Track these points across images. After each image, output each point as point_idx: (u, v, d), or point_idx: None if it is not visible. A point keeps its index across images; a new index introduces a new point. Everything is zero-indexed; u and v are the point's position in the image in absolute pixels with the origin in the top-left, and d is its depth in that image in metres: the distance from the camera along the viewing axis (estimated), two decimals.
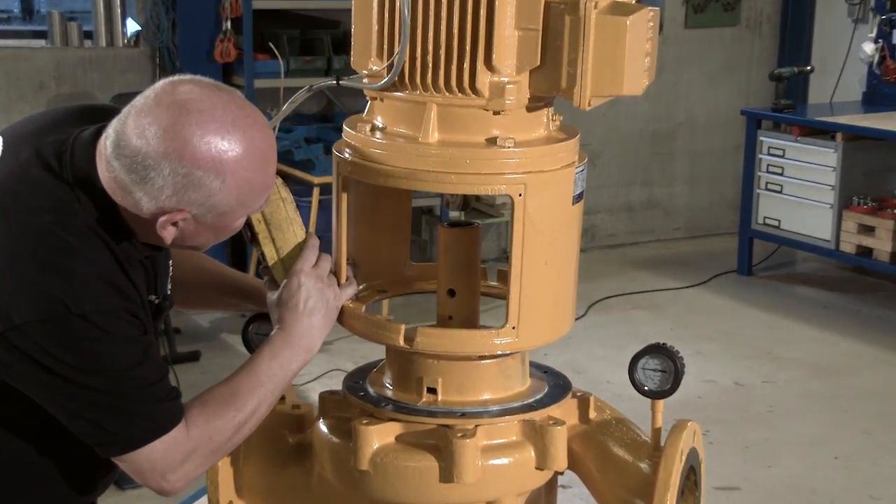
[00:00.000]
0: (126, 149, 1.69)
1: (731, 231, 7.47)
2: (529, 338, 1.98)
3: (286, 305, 1.91)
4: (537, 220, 1.91)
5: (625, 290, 6.51)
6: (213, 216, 1.74)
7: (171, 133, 1.67)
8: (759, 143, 6.60)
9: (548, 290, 1.97)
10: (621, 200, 7.52)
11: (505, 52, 1.88)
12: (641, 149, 7.52)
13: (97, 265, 1.72)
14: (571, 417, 2.10)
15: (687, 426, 2.00)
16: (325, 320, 1.94)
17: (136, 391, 1.73)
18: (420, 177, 1.90)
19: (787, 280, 6.85)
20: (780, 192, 6.53)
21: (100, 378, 1.71)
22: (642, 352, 2.01)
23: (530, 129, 1.96)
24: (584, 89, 1.85)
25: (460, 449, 1.93)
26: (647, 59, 1.91)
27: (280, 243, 1.96)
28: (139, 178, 1.68)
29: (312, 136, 5.75)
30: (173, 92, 1.70)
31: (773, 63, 7.62)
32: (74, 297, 1.67)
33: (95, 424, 1.74)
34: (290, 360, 1.90)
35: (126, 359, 1.72)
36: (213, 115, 1.69)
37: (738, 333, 5.89)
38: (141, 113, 1.69)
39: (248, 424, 1.86)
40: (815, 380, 5.31)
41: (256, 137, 1.73)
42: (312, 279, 1.93)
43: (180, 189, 1.69)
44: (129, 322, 1.73)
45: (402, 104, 1.95)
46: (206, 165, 1.68)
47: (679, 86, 7.50)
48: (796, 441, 4.67)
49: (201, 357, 5.33)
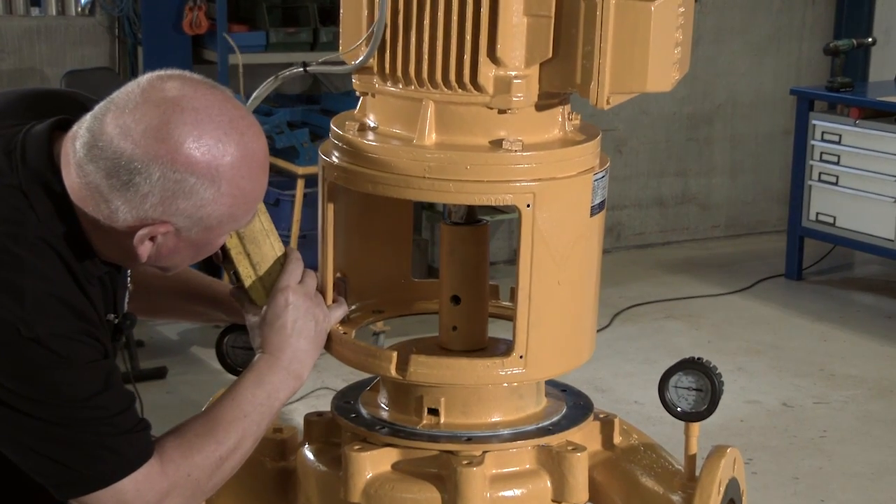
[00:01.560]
0: (106, 150, 1.68)
1: (778, 229, 7.47)
2: (540, 368, 1.99)
3: (272, 326, 1.92)
4: (548, 234, 1.92)
5: (656, 296, 6.52)
6: (198, 230, 1.75)
7: (164, 132, 1.66)
8: (811, 127, 6.61)
9: (561, 315, 1.98)
10: (651, 194, 7.53)
11: (511, 42, 1.87)
12: (675, 134, 7.53)
13: (51, 282, 1.72)
14: (593, 443, 2.11)
15: (726, 453, 2.02)
16: (315, 343, 1.96)
17: (99, 422, 1.74)
18: (413, 184, 1.90)
19: (844, 285, 6.86)
20: (835, 184, 6.53)
21: (57, 409, 1.71)
22: (674, 367, 2.03)
23: (542, 130, 1.97)
24: (601, 86, 1.86)
25: (466, 478, 1.95)
26: (678, 50, 1.91)
27: (256, 258, 1.96)
28: (121, 184, 1.68)
29: (296, 120, 5.75)
30: (162, 87, 1.70)
31: (828, 34, 7.62)
32: (26, 319, 1.67)
33: (53, 461, 1.74)
34: (277, 387, 1.91)
35: (86, 387, 1.72)
36: (209, 115, 1.69)
37: (786, 347, 5.90)
38: (124, 110, 1.69)
39: (230, 460, 1.86)
40: (876, 400, 5.32)
41: (253, 142, 1.74)
42: (301, 296, 1.94)
43: (169, 197, 1.69)
44: (88, 345, 1.73)
45: (395, 101, 1.96)
46: (202, 171, 1.68)
47: (718, 61, 7.50)
48: (853, 471, 4.67)
49: (168, 374, 5.35)
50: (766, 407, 5.21)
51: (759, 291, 6.69)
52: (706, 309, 6.41)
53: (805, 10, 7.72)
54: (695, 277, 6.89)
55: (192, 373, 5.37)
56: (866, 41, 6.79)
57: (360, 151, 1.95)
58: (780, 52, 7.70)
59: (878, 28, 7.52)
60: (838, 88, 6.50)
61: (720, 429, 4.72)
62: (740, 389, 5.29)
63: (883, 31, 7.39)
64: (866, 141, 6.39)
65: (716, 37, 7.42)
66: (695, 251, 7.49)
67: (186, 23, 5.94)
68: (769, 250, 7.28)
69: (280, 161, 5.54)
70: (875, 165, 6.34)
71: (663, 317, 6.28)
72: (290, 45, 5.94)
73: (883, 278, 6.97)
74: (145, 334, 5.70)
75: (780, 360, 5.71)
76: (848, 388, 5.44)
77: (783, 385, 5.44)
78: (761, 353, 5.80)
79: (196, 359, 5.57)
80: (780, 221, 7.38)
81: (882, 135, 6.31)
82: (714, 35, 7.40)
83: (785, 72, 7.67)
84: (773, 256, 7.08)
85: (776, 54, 7.69)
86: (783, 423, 5.08)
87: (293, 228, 5.42)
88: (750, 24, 7.58)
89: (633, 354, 5.67)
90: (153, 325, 5.83)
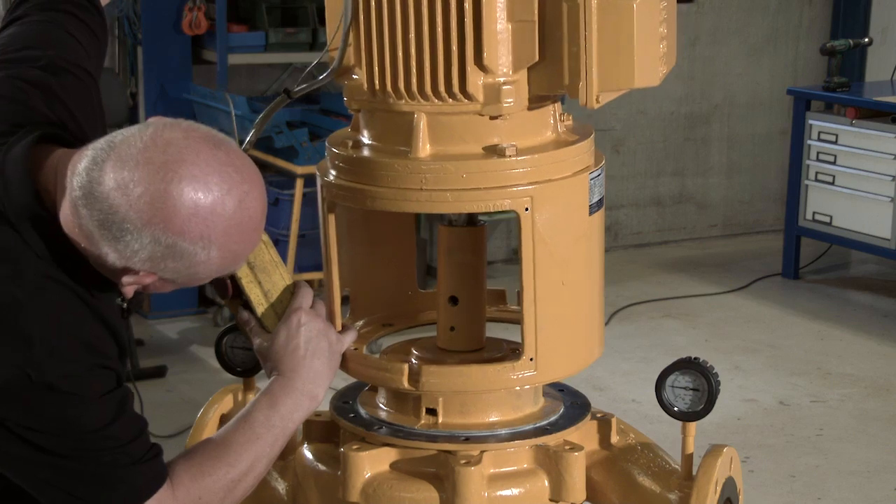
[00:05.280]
0: (102, 202, 1.65)
1: (775, 228, 7.48)
2: (551, 370, 1.99)
3: (285, 348, 1.91)
4: (548, 235, 1.92)
5: (653, 295, 6.52)
6: (184, 279, 1.74)
7: (160, 201, 1.64)
8: (808, 127, 6.61)
9: (569, 314, 1.98)
10: (649, 193, 7.53)
11: (497, 49, 1.88)
12: (672, 134, 7.53)
13: (59, 323, 1.70)
14: (591, 442, 2.11)
15: (723, 452, 2.02)
16: (329, 364, 1.95)
17: (112, 452, 1.73)
18: (411, 197, 1.90)
19: (840, 284, 6.86)
20: (832, 183, 6.53)
21: (70, 441, 1.70)
22: (671, 367, 2.03)
23: (535, 133, 1.97)
24: (590, 85, 1.86)
25: (464, 478, 1.95)
26: (663, 45, 1.92)
27: (267, 286, 1.96)
28: (112, 237, 1.66)
29: (295, 120, 5.75)
30: (165, 147, 1.65)
31: (825, 34, 7.62)
32: (36, 364, 1.66)
33: (68, 494, 1.73)
34: (291, 409, 1.89)
35: (99, 418, 1.72)
36: (206, 183, 1.66)
37: (782, 345, 5.90)
38: (124, 164, 1.65)
39: (243, 483, 1.84)
40: (872, 399, 5.32)
41: (251, 208, 1.71)
42: (313, 317, 1.94)
43: (158, 258, 1.68)
44: (100, 378, 1.72)
45: (387, 115, 1.96)
46: (194, 238, 1.67)
47: (716, 61, 7.50)
48: (850, 469, 4.67)
49: (167, 373, 5.35)
50: (762, 405, 5.21)
51: (756, 290, 6.69)
52: (703, 308, 6.42)
53: (802, 10, 7.72)
54: (692, 276, 6.90)
55: (191, 372, 5.37)
56: (863, 41, 6.79)
57: (356, 168, 1.96)
58: (776, 52, 7.70)
59: (874, 28, 7.52)
60: (835, 88, 6.50)
61: (717, 427, 4.72)
62: (737, 388, 5.30)
63: (879, 31, 7.39)
64: (863, 141, 6.38)
65: (713, 37, 7.42)
66: (692, 250, 7.49)
67: (186, 23, 5.93)
68: (766, 249, 7.28)
69: (279, 161, 5.54)
70: (871, 165, 6.34)
71: (661, 316, 6.28)
72: (289, 46, 5.94)
73: (879, 277, 6.97)
74: (145, 333, 5.70)
75: (777, 359, 5.72)
76: (844, 386, 5.45)
77: (780, 383, 5.44)
78: (758, 351, 5.80)
79: (196, 358, 5.57)
80: (777, 221, 7.38)
81: (878, 134, 6.31)
82: (711, 35, 7.40)
83: (782, 72, 7.67)
84: (770, 255, 7.08)
85: (773, 54, 7.69)
86: (780, 421, 5.08)
87: (292, 228, 5.42)
88: (747, 25, 7.58)
89: (631, 353, 5.67)
90: (153, 325, 5.83)
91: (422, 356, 2.12)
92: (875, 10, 7.61)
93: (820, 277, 6.91)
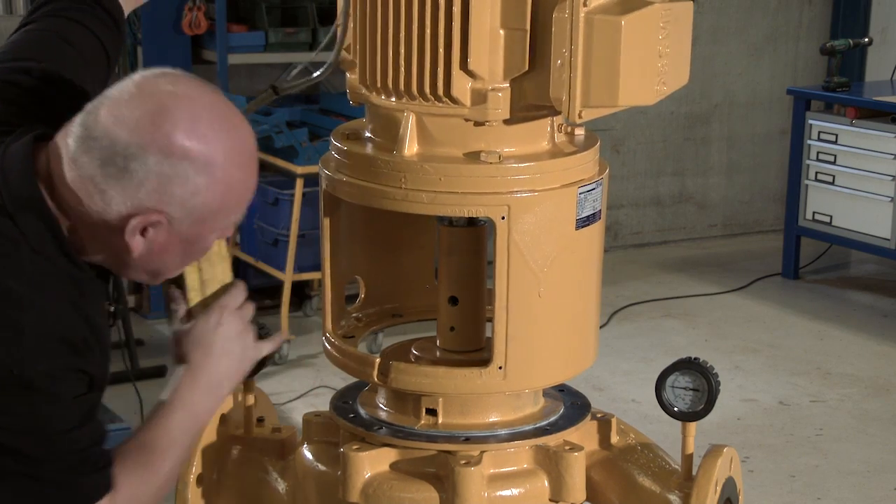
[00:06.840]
0: (102, 139, 1.68)
1: (775, 228, 7.48)
2: (521, 379, 1.98)
3: (198, 342, 1.92)
4: (526, 246, 1.91)
5: (653, 295, 6.52)
6: (190, 222, 1.74)
7: (159, 119, 1.68)
8: (808, 126, 6.61)
9: (545, 325, 1.97)
10: (649, 193, 7.53)
11: (484, 55, 1.87)
12: (672, 134, 7.53)
13: (52, 317, 1.71)
14: (591, 442, 2.11)
15: (723, 452, 2.02)
16: (237, 368, 1.94)
17: (70, 455, 1.74)
18: (389, 195, 1.91)
19: (840, 284, 6.86)
20: (832, 183, 6.53)
21: (31, 438, 1.71)
22: (671, 367, 2.03)
23: (527, 142, 1.96)
24: (573, 99, 1.84)
25: (464, 478, 1.95)
26: (663, 63, 1.90)
27: (207, 276, 1.97)
28: (117, 171, 1.68)
29: (295, 120, 5.75)
30: (156, 82, 1.72)
31: (825, 34, 7.62)
32: (21, 359, 1.67)
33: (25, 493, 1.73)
34: (200, 408, 1.91)
35: (68, 420, 1.73)
36: (203, 106, 1.72)
37: (782, 345, 5.90)
38: (118, 103, 1.70)
39: (167, 485, 1.88)
40: (872, 399, 5.32)
41: (246, 135, 1.76)
42: (236, 318, 1.94)
43: (164, 183, 1.69)
44: (76, 380, 1.74)
45: (382, 111, 1.97)
46: (196, 157, 1.69)
47: (715, 61, 7.50)
48: (850, 469, 4.68)
49: (167, 372, 5.33)
50: (762, 405, 5.22)
51: (755, 290, 6.69)
52: (703, 308, 6.42)
53: (802, 10, 7.72)
54: (692, 276, 6.90)
55: None
56: (863, 41, 6.79)
57: (346, 160, 1.96)
58: (776, 51, 7.70)
59: (874, 28, 7.52)
60: (835, 88, 6.50)
61: (717, 427, 4.72)
62: (737, 388, 5.30)
63: (879, 31, 7.39)
64: (863, 140, 6.39)
65: (713, 37, 7.42)
66: (692, 250, 7.49)
67: (186, 23, 5.94)
68: (766, 249, 7.28)
69: (279, 161, 5.53)
70: (871, 165, 6.35)
71: (661, 315, 6.28)
72: (288, 46, 5.93)
73: (879, 277, 6.98)
74: (145, 333, 5.70)
75: (777, 359, 5.72)
76: (844, 386, 5.45)
77: (780, 383, 5.44)
78: (758, 351, 5.80)
79: None
80: (777, 221, 7.38)
81: (878, 134, 6.31)
82: (711, 35, 7.40)
83: (782, 72, 7.67)
84: (770, 255, 7.08)
85: (773, 54, 7.69)
86: (780, 421, 5.08)
87: (292, 228, 5.41)
88: (747, 24, 7.58)
89: (631, 353, 5.67)
90: (153, 325, 5.83)
91: (421, 356, 2.12)
92: (875, 10, 7.61)
93: (820, 277, 6.91)
